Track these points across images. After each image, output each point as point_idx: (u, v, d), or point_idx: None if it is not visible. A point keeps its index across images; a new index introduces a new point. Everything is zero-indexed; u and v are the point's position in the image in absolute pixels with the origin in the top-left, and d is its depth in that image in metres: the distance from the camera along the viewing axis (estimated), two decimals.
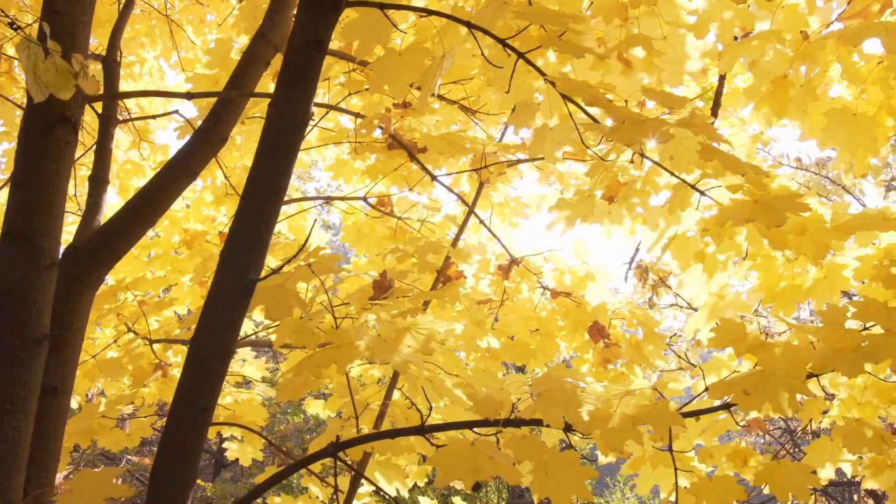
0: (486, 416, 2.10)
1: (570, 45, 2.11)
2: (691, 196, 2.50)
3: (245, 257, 1.71)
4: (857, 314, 2.21)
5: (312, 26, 1.74)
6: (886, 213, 2.47)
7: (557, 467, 2.02)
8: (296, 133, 1.74)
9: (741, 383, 2.16)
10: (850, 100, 3.07)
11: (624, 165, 2.64)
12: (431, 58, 2.18)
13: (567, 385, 2.19)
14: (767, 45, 2.68)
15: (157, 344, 4.05)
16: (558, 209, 2.71)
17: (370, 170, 3.98)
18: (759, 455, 2.53)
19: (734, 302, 2.94)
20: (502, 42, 2.08)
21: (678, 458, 2.67)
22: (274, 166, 1.72)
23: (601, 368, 4.19)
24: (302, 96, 1.74)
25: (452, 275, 3.44)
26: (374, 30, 2.07)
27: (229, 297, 1.70)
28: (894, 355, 2.05)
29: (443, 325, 2.35)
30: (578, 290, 4.01)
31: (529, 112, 2.24)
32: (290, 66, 1.74)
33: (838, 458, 2.71)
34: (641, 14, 2.69)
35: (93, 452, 9.60)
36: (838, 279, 2.82)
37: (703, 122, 2.08)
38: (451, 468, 1.91)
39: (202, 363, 1.69)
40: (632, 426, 2.21)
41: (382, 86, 2.20)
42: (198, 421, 1.69)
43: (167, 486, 1.66)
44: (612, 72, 2.79)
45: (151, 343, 4.01)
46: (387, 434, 2.19)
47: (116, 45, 3.62)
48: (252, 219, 1.72)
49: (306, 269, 2.27)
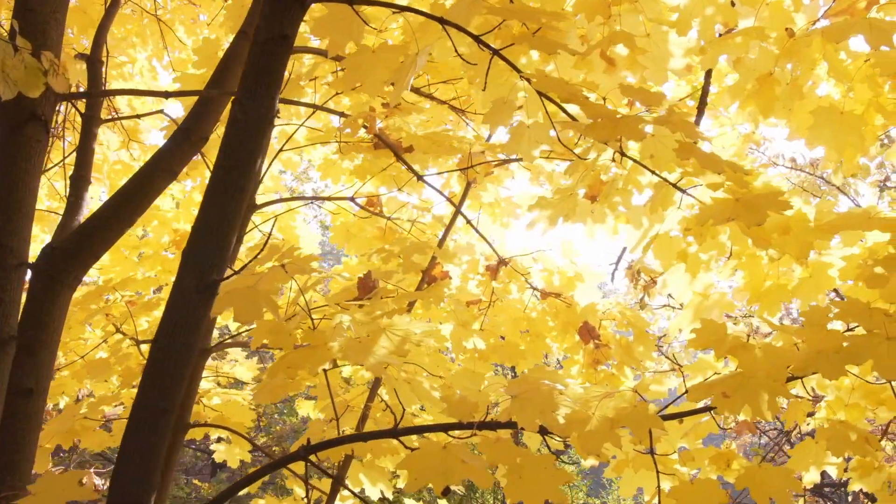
0: (460, 418, 2.07)
1: (545, 42, 2.08)
2: (673, 195, 2.46)
3: (207, 257, 1.68)
4: (840, 315, 2.18)
5: (277, 21, 1.71)
6: (870, 212, 2.43)
7: (532, 471, 1.99)
8: (260, 131, 1.71)
9: (721, 385, 2.12)
10: (837, 98, 3.03)
11: (606, 164, 2.61)
12: (405, 55, 2.15)
13: (544, 387, 2.15)
14: (751, 43, 2.65)
15: (145, 345, 4.03)
16: (539, 208, 2.68)
17: (358, 170, 3.95)
18: (742, 458, 2.50)
19: (719, 302, 2.91)
20: (476, 38, 2.04)
21: (661, 460, 2.63)
22: (237, 165, 1.69)
23: (591, 370, 4.16)
24: (266, 93, 1.71)
25: (437, 275, 3.41)
26: (346, 26, 2.04)
27: (190, 297, 1.67)
28: (876, 356, 2.01)
29: (420, 326, 2.32)
30: (567, 291, 3.98)
31: (506, 110, 2.21)
32: (254, 63, 1.71)
33: (823, 460, 2.67)
34: (624, 11, 2.65)
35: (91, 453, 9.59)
36: (824, 279, 2.78)
37: (682, 120, 2.05)
38: (422, 472, 1.88)
39: (163, 364, 1.66)
40: (610, 429, 2.18)
41: (356, 83, 2.17)
42: (159, 423, 1.66)
43: (128, 491, 1.63)
44: (596, 70, 2.76)
45: (139, 343, 3.99)
46: (358, 437, 2.15)
47: (101, 43, 3.60)
48: (215, 218, 1.69)
49: (279, 269, 2.24)
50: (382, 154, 3.65)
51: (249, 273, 2.23)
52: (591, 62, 2.74)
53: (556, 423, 2.06)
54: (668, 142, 2.21)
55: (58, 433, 3.22)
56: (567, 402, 2.18)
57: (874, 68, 2.65)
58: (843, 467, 2.72)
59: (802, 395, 2.77)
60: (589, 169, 2.56)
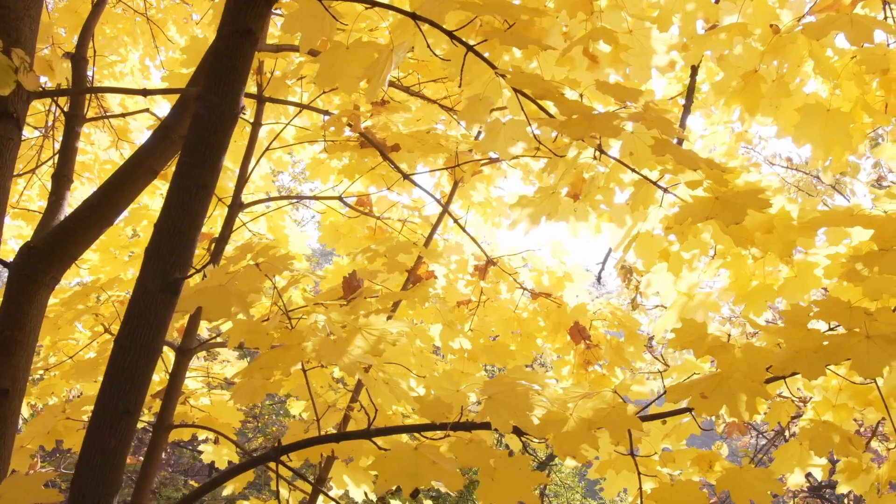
0: (433, 419, 2.04)
1: (517, 37, 2.05)
2: (654, 193, 2.43)
3: (170, 255, 1.66)
4: (820, 314, 2.15)
5: (241, 15, 1.68)
6: (854, 209, 2.40)
7: (505, 473, 1.96)
8: (223, 127, 1.68)
9: (699, 386, 2.09)
10: (825, 96, 3.00)
11: (588, 162, 2.58)
12: (379, 51, 2.12)
13: (520, 388, 2.12)
14: (735, 39, 2.62)
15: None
16: (520, 206, 2.65)
17: (346, 169, 3.92)
18: (724, 460, 2.46)
19: (704, 302, 2.87)
20: (450, 34, 2.02)
21: (644, 462, 2.60)
22: (200, 162, 1.67)
23: (582, 370, 4.13)
24: (231, 89, 1.68)
25: (423, 275, 3.39)
26: (318, 22, 2.02)
27: (152, 296, 1.65)
28: (855, 355, 1.98)
29: (396, 325, 2.29)
30: (557, 291, 3.95)
31: (483, 107, 2.18)
32: (218, 58, 1.69)
33: (807, 462, 2.63)
34: (606, 7, 2.62)
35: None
36: (810, 278, 2.75)
37: (658, 116, 2.02)
38: (392, 474, 1.86)
39: (124, 365, 1.64)
40: (587, 430, 2.15)
41: (330, 80, 2.15)
42: (120, 424, 1.63)
43: (88, 493, 1.60)
44: (579, 67, 2.73)
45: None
46: (330, 438, 2.13)
47: (86, 42, 3.58)
48: (177, 216, 1.67)
49: (253, 268, 2.21)
50: (368, 153, 3.63)
51: (223, 271, 2.21)
52: (573, 59, 2.71)
53: (530, 423, 2.03)
54: (647, 139, 2.18)
55: (39, 434, 3.20)
56: (543, 402, 2.15)
57: (860, 65, 2.61)
58: (829, 469, 2.68)
59: (788, 396, 2.74)
60: (571, 167, 2.53)
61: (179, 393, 3.36)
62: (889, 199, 2.38)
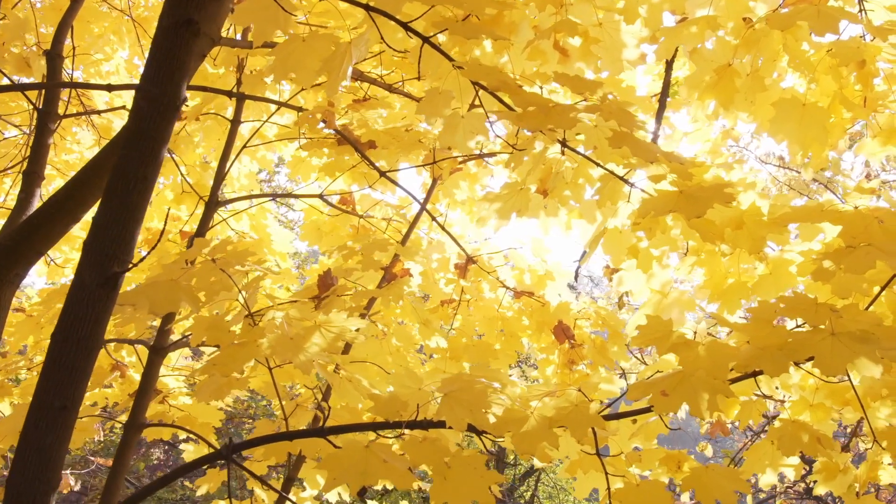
0: (387, 417, 2.00)
1: (468, 28, 2.02)
2: (622, 188, 2.39)
3: (108, 249, 1.63)
4: (786, 310, 2.10)
5: (182, 5, 1.65)
6: (825, 205, 2.35)
7: (459, 472, 1.92)
8: (163, 119, 1.65)
9: (661, 384, 2.05)
10: (802, 91, 2.95)
11: (557, 157, 2.54)
12: (336, 44, 2.09)
13: (478, 385, 2.09)
14: (707, 33, 2.57)
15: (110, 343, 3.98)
16: (487, 202, 2.61)
17: (326, 167, 3.89)
18: (692, 460, 2.42)
19: (679, 300, 2.83)
20: (404, 25, 1.98)
21: (613, 462, 2.56)
22: (139, 154, 1.64)
23: (566, 370, 4.09)
24: (170, 80, 1.65)
25: (398, 273, 3.35)
26: (272, 13, 1.99)
27: (90, 290, 1.61)
28: (818, 353, 1.93)
29: (356, 323, 2.26)
30: (539, 290, 3.91)
31: (441, 100, 2.14)
32: (157, 48, 1.66)
33: (779, 462, 2.58)
34: (576, 0, 2.58)
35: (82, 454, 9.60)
36: (785, 276, 2.70)
37: (616, 108, 1.98)
38: (341, 472, 1.82)
39: (61, 360, 1.61)
40: (548, 428, 2.11)
41: (287, 73, 2.12)
42: (57, 421, 1.60)
43: (24, 492, 1.57)
44: (550, 61, 2.70)
45: (105, 343, 3.95)
46: (283, 436, 2.09)
47: (62, 39, 3.56)
48: (116, 209, 1.64)
49: (209, 263, 2.18)
50: (347, 150, 3.59)
51: (178, 266, 2.18)
52: (544, 53, 2.68)
53: (486, 421, 1.99)
54: (608, 132, 2.14)
55: (11, 433, 3.18)
56: (502, 400, 2.11)
57: (833, 58, 2.57)
58: (801, 468, 2.63)
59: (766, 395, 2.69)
60: (539, 162, 2.49)
61: (153, 392, 3.34)
62: (859, 195, 2.34)
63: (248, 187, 4.75)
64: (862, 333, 1.97)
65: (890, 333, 1.99)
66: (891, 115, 2.94)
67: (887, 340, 1.96)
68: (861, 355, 1.91)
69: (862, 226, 2.19)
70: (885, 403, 2.72)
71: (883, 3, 2.52)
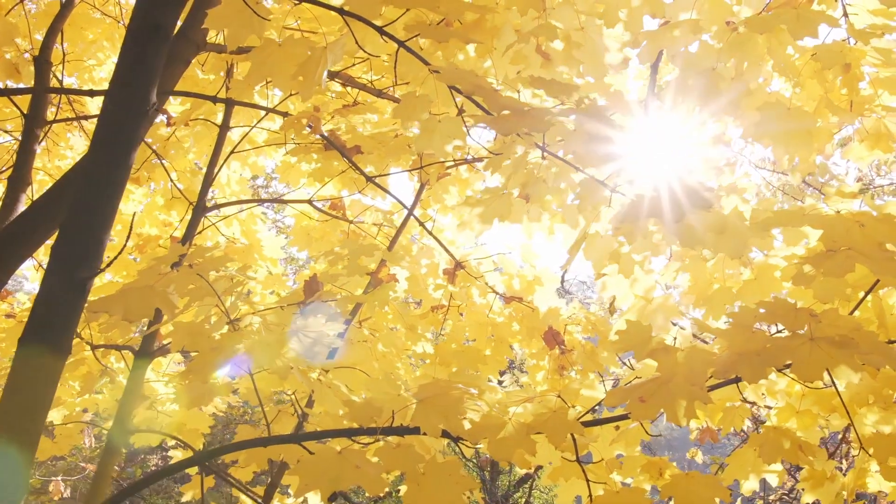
0: (362, 423, 1.99)
1: (438, 31, 2.01)
2: (603, 192, 2.38)
3: (76, 254, 1.62)
4: (765, 315, 2.09)
5: (150, 11, 1.65)
6: (806, 209, 2.34)
7: (433, 478, 1.91)
8: (132, 123, 1.64)
9: (639, 390, 2.03)
10: (788, 95, 2.94)
11: (539, 161, 2.53)
12: (312, 48, 2.08)
13: (454, 391, 2.07)
14: (690, 36, 2.56)
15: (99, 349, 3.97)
16: (468, 206, 2.60)
17: (315, 172, 3.88)
18: (674, 467, 2.40)
19: (664, 305, 2.81)
20: (379, 29, 1.98)
21: (595, 468, 2.54)
22: (109, 158, 1.63)
23: (556, 375, 4.07)
24: (139, 84, 1.65)
25: (384, 278, 3.34)
26: (246, 18, 1.98)
27: (58, 295, 1.61)
28: (796, 358, 1.91)
29: (334, 328, 2.25)
30: (528, 295, 3.90)
31: (418, 104, 2.13)
32: (126, 53, 1.65)
33: (762, 468, 2.56)
34: (558, 4, 2.58)
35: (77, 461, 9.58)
36: (770, 281, 2.69)
37: (594, 112, 1.97)
38: (313, 477, 1.80)
39: (29, 365, 1.60)
40: (525, 434, 2.09)
41: (264, 78, 2.11)
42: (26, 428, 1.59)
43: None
44: (533, 65, 2.69)
45: (94, 349, 3.94)
46: (257, 442, 2.08)
47: (50, 45, 3.56)
48: (85, 214, 1.63)
49: (186, 269, 2.17)
50: (334, 156, 3.59)
51: (154, 272, 2.17)
52: (527, 57, 2.67)
53: (461, 428, 1.97)
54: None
55: None
56: (479, 406, 2.09)
57: (817, 61, 2.55)
58: (785, 475, 2.61)
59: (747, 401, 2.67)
60: (521, 166, 2.48)
61: (139, 397, 3.32)
62: (840, 198, 2.32)
63: (240, 193, 4.74)
64: (841, 339, 1.96)
65: (869, 338, 1.97)
66: (878, 119, 2.92)
67: (866, 345, 1.95)
68: (839, 361, 1.89)
69: (843, 230, 2.17)
70: (872, 410, 2.70)
71: (866, 7, 2.51)
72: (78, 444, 3.55)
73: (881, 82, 2.78)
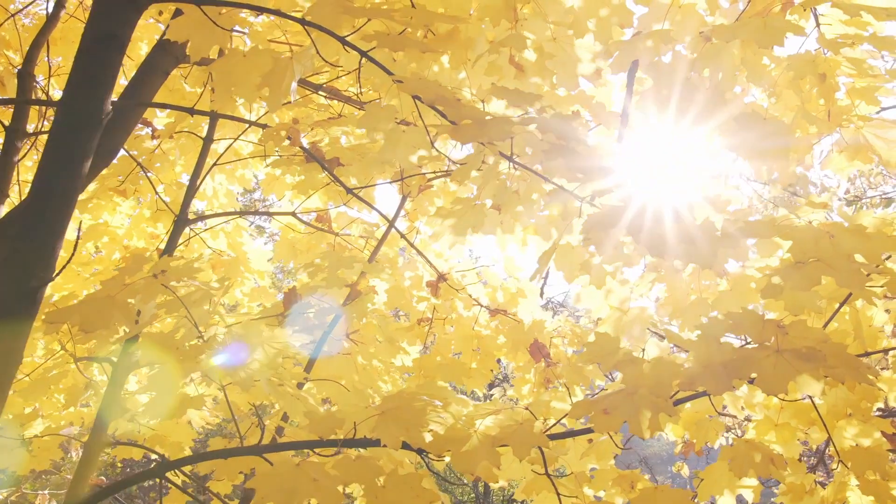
0: (322, 435, 1.97)
1: (398, 41, 2.00)
2: (573, 203, 2.37)
3: (28, 263, 1.61)
4: (732, 326, 2.07)
5: (104, 20, 1.65)
6: (778, 219, 2.32)
7: (393, 491, 1.89)
8: (84, 133, 1.64)
9: (603, 402, 2.01)
10: (766, 106, 2.93)
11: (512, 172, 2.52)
12: (276, 59, 2.08)
13: (418, 403, 2.05)
14: (662, 47, 2.55)
15: (85, 362, 3.96)
16: (440, 217, 2.59)
17: (299, 185, 3.87)
18: (645, 480, 2.37)
19: (640, 316, 2.79)
20: (341, 40, 1.97)
21: (567, 483, 2.51)
22: (61, 168, 1.63)
23: (542, 388, 4.04)
24: (93, 94, 1.64)
25: (362, 290, 3.33)
26: (208, 29, 1.98)
27: (9, 304, 1.60)
28: (760, 370, 1.89)
29: (300, 339, 2.24)
30: (511, 307, 3.88)
31: (383, 114, 2.13)
32: (79, 63, 1.65)
33: (736, 483, 2.52)
34: (529, 15, 2.58)
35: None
36: (746, 292, 2.67)
37: (555, 121, 1.96)
38: (269, 490, 1.78)
39: None
40: (490, 447, 2.07)
41: (229, 89, 2.11)
42: None
43: None
44: (507, 76, 2.69)
45: (77, 361, 3.93)
46: (218, 454, 2.06)
47: (34, 58, 3.58)
48: (36, 223, 1.63)
49: (151, 279, 2.17)
50: (317, 168, 3.58)
51: (119, 283, 2.16)
52: (501, 68, 2.67)
53: (422, 440, 1.95)
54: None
55: None
56: (442, 418, 2.07)
57: (789, 70, 2.54)
58: (760, 490, 2.57)
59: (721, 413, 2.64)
60: (492, 176, 2.47)
61: (118, 409, 3.30)
62: (812, 209, 2.30)
63: (227, 206, 4.74)
64: (808, 351, 1.94)
65: (836, 351, 1.95)
66: (856, 129, 2.90)
67: (833, 358, 1.92)
68: (803, 373, 1.87)
69: (812, 241, 2.15)
70: (851, 422, 2.67)
71: (839, 17, 2.50)
72: (56, 458, 3.52)
73: (857, 92, 2.76)
